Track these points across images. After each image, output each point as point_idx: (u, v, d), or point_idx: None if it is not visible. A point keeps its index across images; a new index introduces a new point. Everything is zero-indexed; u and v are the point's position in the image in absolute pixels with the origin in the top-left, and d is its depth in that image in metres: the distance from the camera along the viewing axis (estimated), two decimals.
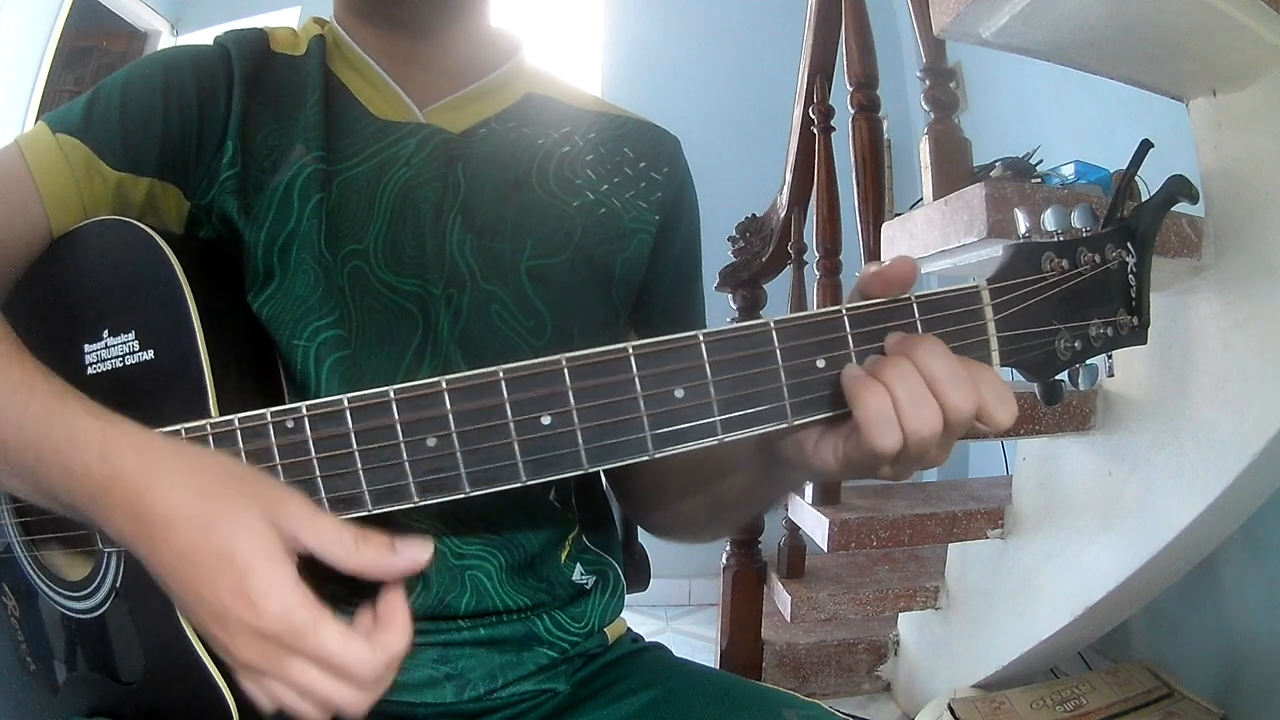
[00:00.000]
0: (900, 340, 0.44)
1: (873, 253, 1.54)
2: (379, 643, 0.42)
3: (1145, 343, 0.46)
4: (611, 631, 0.73)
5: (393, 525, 0.45)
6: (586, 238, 0.68)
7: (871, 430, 0.42)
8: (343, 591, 0.46)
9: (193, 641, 0.51)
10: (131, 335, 0.54)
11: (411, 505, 0.45)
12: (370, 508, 0.44)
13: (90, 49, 3.15)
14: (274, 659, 0.41)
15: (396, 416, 0.43)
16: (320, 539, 0.42)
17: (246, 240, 0.61)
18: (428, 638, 0.62)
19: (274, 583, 0.40)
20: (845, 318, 0.42)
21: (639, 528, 0.87)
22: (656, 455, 0.41)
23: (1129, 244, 0.46)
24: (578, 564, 0.69)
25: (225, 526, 0.41)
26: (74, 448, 0.44)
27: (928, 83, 1.34)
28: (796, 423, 0.43)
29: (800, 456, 0.49)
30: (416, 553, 0.43)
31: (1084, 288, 0.45)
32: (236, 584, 0.40)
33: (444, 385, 0.40)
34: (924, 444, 0.43)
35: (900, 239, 1.27)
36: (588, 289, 0.67)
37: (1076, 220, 0.45)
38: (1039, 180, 1.26)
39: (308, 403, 0.45)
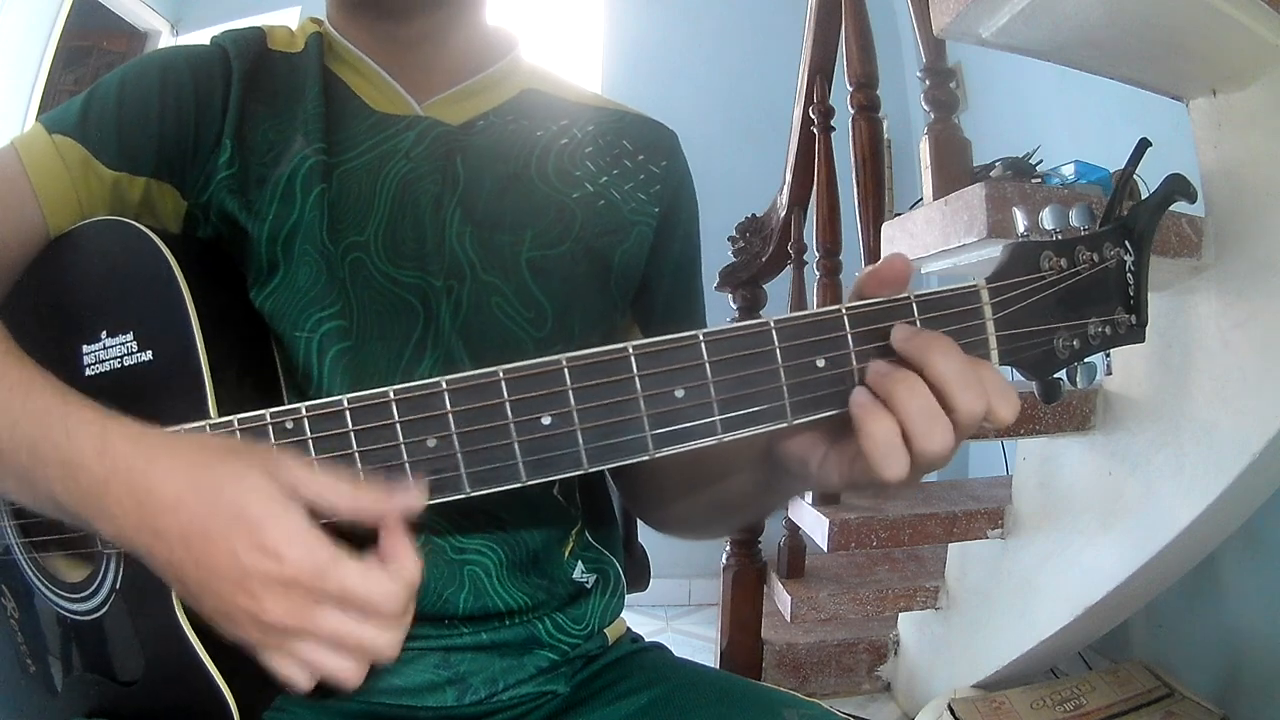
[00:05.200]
0: (908, 340, 0.43)
1: (873, 253, 1.54)
2: (394, 571, 0.42)
3: (1143, 341, 0.46)
4: (611, 632, 0.73)
5: None
6: (586, 229, 0.67)
7: (878, 461, 0.42)
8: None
9: (192, 642, 0.51)
10: (130, 336, 0.53)
11: None
12: None
13: (90, 49, 3.15)
14: (303, 610, 0.41)
15: (396, 416, 0.43)
16: (318, 487, 0.42)
17: (250, 235, 0.61)
18: (428, 642, 0.62)
19: (291, 528, 0.41)
20: (845, 317, 0.42)
21: (639, 524, 0.88)
22: (657, 455, 0.41)
23: (1127, 242, 0.46)
24: (579, 562, 0.69)
25: (231, 489, 0.41)
26: (71, 443, 0.44)
27: (928, 83, 1.34)
28: (796, 422, 0.42)
29: (804, 470, 0.49)
30: (409, 496, 0.43)
31: (1082, 286, 0.45)
32: (254, 538, 0.40)
33: (444, 385, 0.40)
34: (934, 462, 0.43)
35: (900, 239, 1.27)
36: (588, 280, 0.67)
37: (1075, 219, 0.45)
38: (1039, 180, 1.25)
39: (307, 403, 0.45)
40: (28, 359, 0.49)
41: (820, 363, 0.42)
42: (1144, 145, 0.46)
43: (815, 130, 1.77)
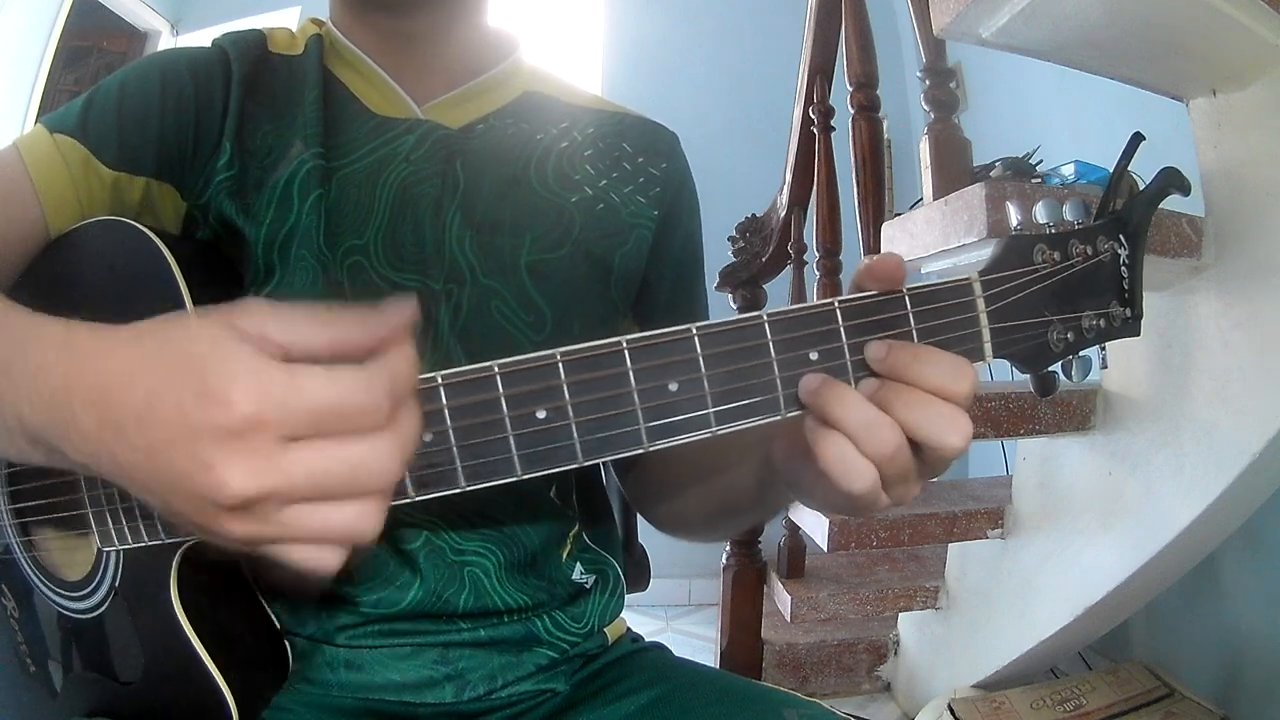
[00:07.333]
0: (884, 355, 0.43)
1: (873, 253, 1.54)
2: (375, 368, 0.34)
3: (1138, 334, 0.46)
4: (611, 632, 0.73)
5: (390, 521, 0.45)
6: (585, 232, 0.68)
7: (840, 478, 0.42)
8: None
9: (192, 640, 0.51)
10: None
11: (408, 501, 0.45)
12: None
13: (90, 49, 3.16)
14: (268, 461, 0.32)
15: None
16: (287, 323, 0.34)
17: (247, 238, 0.61)
18: (428, 638, 0.62)
19: (237, 364, 0.33)
20: (837, 310, 0.42)
21: (640, 525, 0.88)
22: (651, 448, 0.41)
23: (1121, 236, 0.46)
24: (578, 563, 0.69)
25: (180, 340, 0.34)
26: (39, 348, 0.39)
27: (928, 83, 1.35)
28: (790, 415, 0.43)
29: (798, 494, 0.49)
30: (401, 310, 0.36)
31: (1076, 279, 0.45)
32: (198, 385, 0.32)
33: (439, 380, 0.40)
34: (895, 465, 0.42)
35: (900, 239, 1.27)
36: (587, 284, 0.68)
37: (1068, 213, 0.45)
38: (1039, 180, 1.26)
39: None
40: (4, 296, 0.45)
41: (814, 355, 0.42)
42: (1137, 139, 0.46)
43: (815, 130, 1.78)
